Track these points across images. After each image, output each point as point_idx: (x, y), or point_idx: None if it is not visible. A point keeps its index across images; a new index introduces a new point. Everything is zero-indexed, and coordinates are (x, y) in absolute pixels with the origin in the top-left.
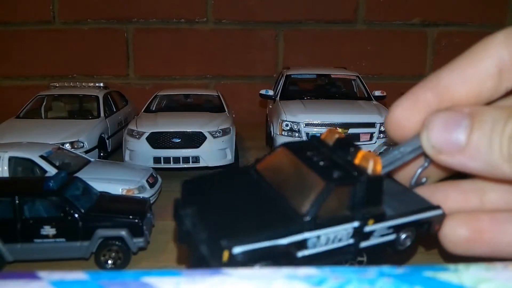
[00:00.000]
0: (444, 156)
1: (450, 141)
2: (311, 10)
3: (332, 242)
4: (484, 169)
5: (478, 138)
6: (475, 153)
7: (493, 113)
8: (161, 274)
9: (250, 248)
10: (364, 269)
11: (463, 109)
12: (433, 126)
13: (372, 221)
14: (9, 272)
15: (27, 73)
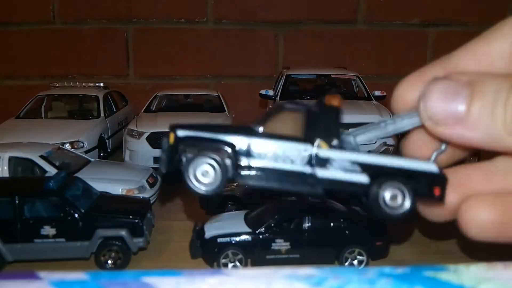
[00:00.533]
0: (442, 128)
1: (448, 112)
2: (311, 10)
3: (282, 160)
4: (485, 141)
5: (479, 109)
6: (475, 125)
7: (495, 81)
8: (161, 274)
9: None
10: (364, 269)
11: (462, 77)
12: (430, 95)
13: (325, 145)
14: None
15: (27, 73)
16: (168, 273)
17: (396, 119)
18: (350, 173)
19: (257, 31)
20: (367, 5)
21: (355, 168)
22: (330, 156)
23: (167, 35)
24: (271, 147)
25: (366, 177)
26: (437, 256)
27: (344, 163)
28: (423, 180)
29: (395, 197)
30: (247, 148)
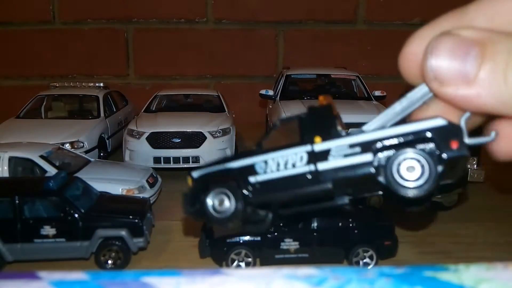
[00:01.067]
0: (448, 89)
1: (455, 72)
2: (311, 10)
3: (285, 167)
4: (494, 106)
5: (490, 70)
6: (485, 87)
7: (507, 40)
8: (161, 274)
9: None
10: (364, 269)
11: (473, 34)
12: (436, 52)
13: (318, 138)
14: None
15: (27, 73)
16: (168, 273)
17: (403, 99)
18: (351, 157)
19: (257, 31)
20: (367, 5)
21: (356, 150)
22: (326, 147)
23: (167, 35)
24: (272, 159)
25: (369, 155)
26: (437, 256)
27: (342, 149)
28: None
29: (411, 168)
30: (252, 166)
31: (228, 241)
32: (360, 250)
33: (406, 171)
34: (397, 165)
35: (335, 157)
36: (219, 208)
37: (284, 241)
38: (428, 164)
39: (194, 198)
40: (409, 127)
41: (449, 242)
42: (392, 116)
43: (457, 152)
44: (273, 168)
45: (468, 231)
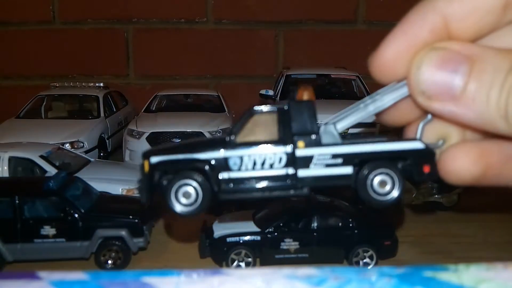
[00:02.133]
0: (434, 104)
1: (443, 87)
2: (311, 10)
3: (261, 166)
4: (477, 122)
5: (475, 88)
6: (469, 104)
7: (495, 59)
8: (161, 274)
9: (166, 159)
10: (364, 269)
11: (462, 50)
12: (425, 66)
13: (302, 144)
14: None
15: (27, 73)
16: (168, 273)
17: (376, 96)
18: (332, 167)
19: (257, 31)
20: (367, 5)
21: (337, 161)
22: (309, 154)
23: (167, 35)
24: (248, 156)
25: (350, 168)
26: (437, 256)
27: (324, 158)
28: (410, 160)
29: (384, 183)
30: (224, 161)
31: (228, 241)
32: (360, 250)
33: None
34: (372, 180)
35: (316, 165)
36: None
37: (284, 241)
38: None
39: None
40: (389, 145)
41: (449, 242)
42: (365, 115)
43: (427, 176)
44: (249, 166)
45: (468, 231)
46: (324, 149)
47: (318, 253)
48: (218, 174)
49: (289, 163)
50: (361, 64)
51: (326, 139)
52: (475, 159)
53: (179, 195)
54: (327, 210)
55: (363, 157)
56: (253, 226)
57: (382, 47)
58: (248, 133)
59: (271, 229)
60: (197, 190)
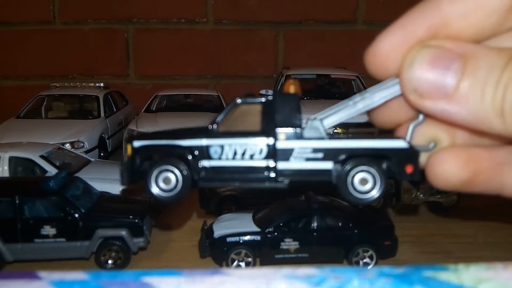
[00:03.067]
0: (426, 102)
1: (435, 85)
2: (311, 10)
3: (242, 156)
4: (470, 121)
5: (469, 86)
6: (463, 102)
7: (489, 56)
8: (161, 274)
9: (149, 144)
10: (364, 269)
11: (455, 47)
12: (417, 64)
13: (283, 136)
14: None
15: (28, 73)
16: (169, 273)
17: (365, 94)
18: (312, 162)
19: (257, 31)
20: (367, 5)
21: (318, 155)
22: (289, 147)
23: (167, 35)
24: (229, 145)
25: (330, 163)
26: (436, 255)
27: (305, 152)
28: (392, 158)
29: (364, 181)
30: (206, 149)
31: (228, 241)
32: (360, 250)
33: (359, 183)
34: (353, 177)
35: (296, 159)
36: (163, 185)
37: (284, 241)
38: (381, 181)
39: (133, 169)
40: (372, 143)
41: (449, 242)
42: (354, 113)
43: (409, 176)
44: (229, 156)
45: (467, 231)
46: (305, 143)
47: (318, 253)
48: (198, 162)
49: (270, 155)
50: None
51: (311, 133)
52: (463, 163)
53: (159, 180)
54: (327, 210)
55: (344, 153)
56: (253, 226)
57: (377, 39)
58: (231, 123)
59: (271, 229)
60: (177, 176)
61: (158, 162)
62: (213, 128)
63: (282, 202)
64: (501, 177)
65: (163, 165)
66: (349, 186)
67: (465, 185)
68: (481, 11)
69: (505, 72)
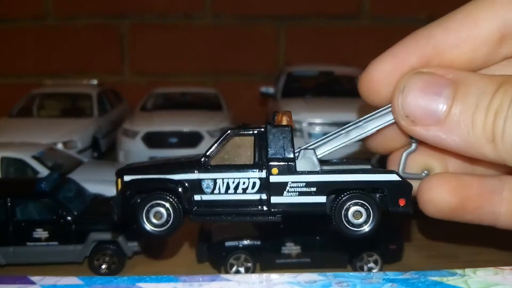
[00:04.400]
0: (418, 128)
1: (427, 111)
2: (313, 5)
3: (235, 191)
4: (462, 147)
5: (459, 112)
6: (454, 128)
7: (480, 82)
8: (157, 280)
9: (139, 178)
10: (368, 274)
11: (446, 74)
12: (409, 90)
13: (276, 170)
14: (2, 277)
15: (20, 71)
16: (164, 279)
17: (359, 123)
18: (306, 196)
19: (257, 26)
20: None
21: (311, 189)
22: (282, 181)
23: (164, 31)
24: (222, 180)
25: (323, 196)
26: (443, 260)
27: (298, 186)
28: (386, 192)
29: (358, 214)
30: (198, 183)
31: (227, 245)
32: (364, 255)
33: (353, 216)
34: (346, 210)
35: (289, 193)
36: (155, 220)
37: (285, 245)
38: (374, 214)
39: (124, 204)
40: (365, 176)
41: (455, 246)
42: (347, 142)
43: (402, 209)
44: (222, 190)
45: (475, 235)
46: (298, 177)
47: (321, 257)
48: (190, 196)
49: (263, 188)
50: (365, 61)
51: (304, 165)
52: (452, 189)
53: (151, 215)
54: None
55: (337, 187)
56: (253, 230)
57: (370, 67)
58: (224, 155)
59: (271, 233)
60: (169, 211)
61: (149, 196)
62: (205, 161)
63: None
64: (493, 206)
65: (154, 199)
66: (343, 219)
67: (456, 212)
68: (473, 42)
69: (496, 98)
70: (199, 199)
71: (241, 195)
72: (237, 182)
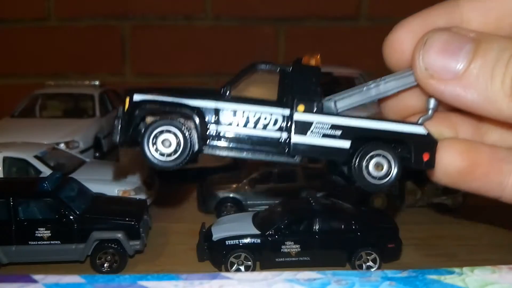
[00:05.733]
0: (435, 82)
1: (446, 65)
2: (312, 6)
3: (255, 125)
4: (479, 103)
5: (479, 66)
6: (472, 83)
7: (501, 41)
8: (158, 279)
9: (152, 99)
10: (367, 272)
11: (469, 33)
12: (430, 44)
13: (302, 107)
14: (4, 275)
15: (22, 72)
16: (166, 277)
17: (380, 81)
18: (329, 139)
19: (257, 28)
20: (370, 1)
21: (336, 132)
22: (308, 120)
23: (164, 32)
24: (241, 112)
25: (348, 142)
26: (441, 258)
27: (323, 128)
28: (410, 144)
29: (380, 165)
30: (215, 113)
31: (227, 244)
32: (363, 253)
33: (374, 167)
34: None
35: (313, 133)
36: (162, 149)
37: (285, 244)
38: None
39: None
40: (391, 125)
41: (454, 245)
42: (366, 99)
43: (425, 165)
44: (241, 123)
45: (473, 233)
46: (325, 118)
47: (320, 256)
48: (206, 126)
49: (285, 127)
50: (364, 62)
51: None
52: (462, 153)
53: (158, 142)
54: (329, 212)
55: (364, 133)
56: (253, 229)
57: (398, 27)
58: (245, 88)
59: (271, 232)
60: (179, 139)
61: (159, 120)
62: (226, 90)
63: (283, 204)
64: (502, 176)
65: (165, 124)
66: (364, 170)
67: (463, 177)
68: (499, 11)
69: None
70: (215, 130)
71: (261, 131)
72: (258, 117)
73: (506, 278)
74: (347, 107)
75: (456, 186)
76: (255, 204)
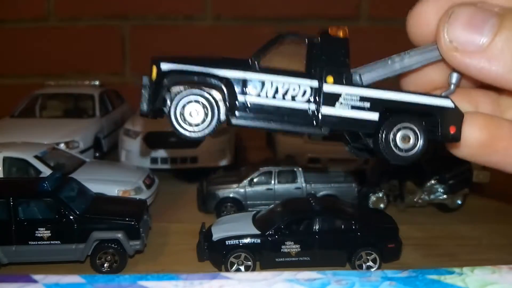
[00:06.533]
0: (460, 54)
1: (471, 38)
2: (312, 6)
3: (283, 96)
4: (503, 75)
5: (504, 39)
6: (497, 56)
7: None
8: (158, 278)
9: (179, 68)
10: (367, 272)
11: (493, 7)
12: (456, 18)
13: (331, 79)
14: (4, 275)
15: (22, 72)
16: (166, 277)
17: (404, 55)
18: (358, 110)
19: (257, 28)
20: (370, 1)
21: (365, 104)
22: (337, 91)
23: (165, 32)
24: (270, 83)
25: (376, 114)
26: (441, 258)
27: (352, 99)
28: (438, 117)
29: (406, 138)
30: (244, 83)
31: (227, 244)
32: (363, 253)
33: (401, 140)
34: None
35: (342, 105)
36: (189, 119)
37: (285, 244)
38: (423, 139)
39: (156, 94)
40: (420, 98)
41: (454, 245)
42: (390, 73)
43: (451, 137)
44: (269, 94)
45: (473, 233)
46: (354, 89)
47: (320, 256)
48: (234, 96)
49: (314, 98)
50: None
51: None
52: (484, 126)
53: (185, 112)
54: (329, 212)
55: (393, 106)
56: (253, 229)
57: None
58: (274, 58)
59: (271, 232)
60: (208, 109)
61: (187, 90)
62: (254, 61)
63: (283, 204)
64: None
65: (193, 94)
66: (390, 142)
67: (484, 149)
68: None
69: None
70: (243, 101)
71: (289, 102)
72: (287, 88)
73: (506, 278)
74: (372, 80)
75: (476, 160)
76: (255, 204)
